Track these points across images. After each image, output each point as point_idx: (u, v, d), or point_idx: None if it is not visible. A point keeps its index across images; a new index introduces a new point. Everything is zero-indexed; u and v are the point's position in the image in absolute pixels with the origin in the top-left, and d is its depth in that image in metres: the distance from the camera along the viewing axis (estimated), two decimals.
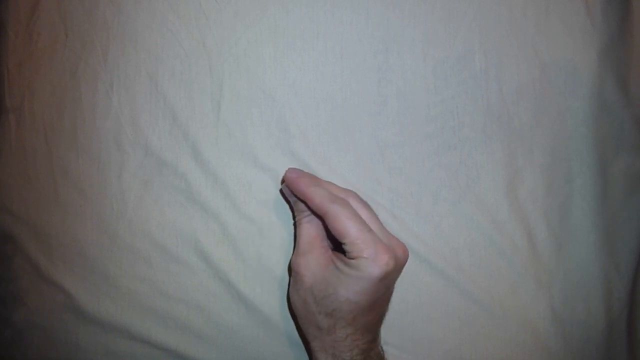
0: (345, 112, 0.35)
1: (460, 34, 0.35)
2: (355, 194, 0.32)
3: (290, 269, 0.34)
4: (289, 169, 0.32)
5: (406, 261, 0.30)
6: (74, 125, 0.37)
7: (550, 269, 0.34)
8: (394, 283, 0.31)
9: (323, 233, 0.31)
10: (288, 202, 0.34)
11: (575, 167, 0.35)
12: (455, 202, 0.35)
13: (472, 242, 0.34)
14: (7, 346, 0.38)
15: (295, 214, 0.33)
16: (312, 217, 0.31)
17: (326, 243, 0.32)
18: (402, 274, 0.31)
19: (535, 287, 0.34)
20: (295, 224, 0.33)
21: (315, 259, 0.30)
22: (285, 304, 0.35)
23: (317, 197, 0.30)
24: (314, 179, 0.32)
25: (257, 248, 0.35)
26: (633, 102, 0.34)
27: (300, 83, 0.35)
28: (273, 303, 0.35)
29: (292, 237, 0.35)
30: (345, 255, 0.30)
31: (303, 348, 0.35)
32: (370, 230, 0.29)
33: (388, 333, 0.32)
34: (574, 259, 0.35)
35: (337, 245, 0.32)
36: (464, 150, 0.35)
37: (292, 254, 0.31)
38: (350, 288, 0.28)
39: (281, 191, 0.34)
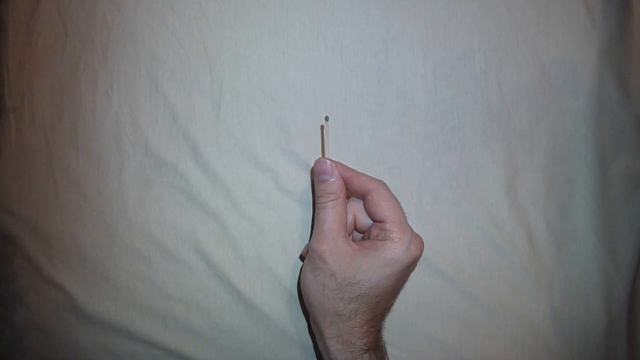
0: (345, 112, 0.35)
1: (460, 34, 0.35)
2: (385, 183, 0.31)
3: (302, 256, 0.34)
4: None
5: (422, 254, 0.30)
6: (74, 125, 0.37)
7: (550, 269, 0.34)
8: (410, 274, 0.31)
9: (346, 219, 0.31)
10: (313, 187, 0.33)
11: (575, 167, 0.35)
12: (455, 202, 0.35)
13: (472, 242, 0.34)
14: (7, 346, 0.38)
15: (319, 195, 0.30)
16: (338, 201, 0.30)
17: (347, 229, 0.31)
18: None
19: (535, 287, 0.34)
20: (316, 208, 0.31)
21: (342, 245, 0.29)
22: (286, 304, 0.35)
23: (362, 175, 0.30)
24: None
25: (257, 248, 0.35)
26: (633, 102, 0.34)
27: (300, 83, 0.35)
28: (273, 303, 0.35)
29: (292, 236, 0.35)
30: (365, 240, 0.29)
31: (303, 347, 0.35)
32: (405, 216, 0.30)
33: (388, 333, 0.32)
34: (574, 258, 0.35)
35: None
36: (464, 150, 0.35)
37: (312, 239, 0.30)
38: (380, 272, 0.28)
39: (312, 170, 0.34)
